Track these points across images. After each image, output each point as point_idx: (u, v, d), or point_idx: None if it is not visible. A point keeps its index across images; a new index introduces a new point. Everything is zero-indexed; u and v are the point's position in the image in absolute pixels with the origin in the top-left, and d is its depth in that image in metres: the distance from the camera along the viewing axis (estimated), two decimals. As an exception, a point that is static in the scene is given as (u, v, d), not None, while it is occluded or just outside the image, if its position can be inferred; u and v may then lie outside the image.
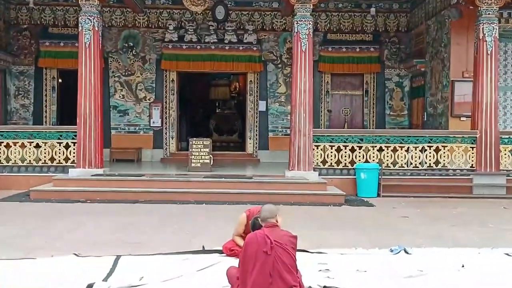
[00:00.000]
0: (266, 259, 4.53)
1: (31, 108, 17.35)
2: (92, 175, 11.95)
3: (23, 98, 17.33)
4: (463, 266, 6.04)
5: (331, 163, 12.74)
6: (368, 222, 9.05)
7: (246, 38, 16.98)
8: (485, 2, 12.25)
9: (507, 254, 6.68)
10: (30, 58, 17.26)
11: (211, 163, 13.12)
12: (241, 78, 20.58)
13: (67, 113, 16.08)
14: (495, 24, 12.37)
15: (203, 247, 6.68)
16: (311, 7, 12.32)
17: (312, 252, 6.56)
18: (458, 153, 12.74)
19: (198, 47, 16.96)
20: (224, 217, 8.90)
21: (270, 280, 4.47)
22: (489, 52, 12.37)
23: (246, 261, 4.61)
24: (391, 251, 6.71)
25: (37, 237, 7.42)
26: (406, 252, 6.66)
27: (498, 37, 12.51)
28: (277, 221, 4.90)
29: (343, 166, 12.74)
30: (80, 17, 12.43)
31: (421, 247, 6.99)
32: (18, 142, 12.73)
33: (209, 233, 7.83)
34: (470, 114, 12.96)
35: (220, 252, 6.41)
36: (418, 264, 6.09)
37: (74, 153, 12.55)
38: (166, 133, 17.35)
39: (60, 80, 17.71)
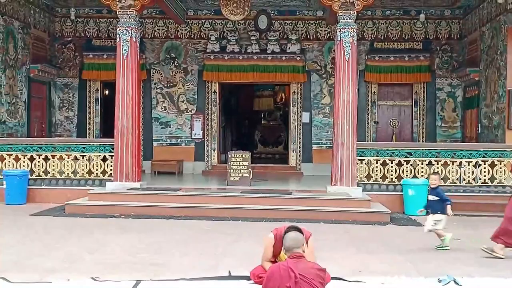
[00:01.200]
0: (290, 296, 3.99)
1: (75, 120, 17.36)
2: (128, 189, 11.67)
3: (67, 110, 17.37)
4: (521, 302, 5.32)
5: (376, 178, 12.05)
6: (415, 245, 8.31)
7: (289, 48, 16.49)
8: (545, 6, 11.37)
9: None
10: (74, 71, 17.30)
11: (251, 177, 12.64)
12: (286, 89, 20.08)
13: (110, 125, 15.95)
14: (556, 29, 11.46)
15: (230, 272, 6.19)
16: (355, 14, 11.71)
17: (349, 281, 5.96)
18: (516, 168, 11.83)
19: (240, 57, 16.59)
20: (259, 236, 8.32)
21: (294, 320, 3.93)
22: (549, 59, 11.46)
23: (268, 296, 4.08)
24: (439, 281, 6.02)
25: (58, 256, 7.08)
26: (456, 283, 5.96)
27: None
28: (303, 251, 4.34)
29: (389, 182, 12.03)
30: (118, 28, 12.26)
31: (474, 277, 6.26)
32: (56, 155, 12.63)
33: (239, 255, 7.32)
34: (529, 126, 12.04)
35: (247, 278, 5.89)
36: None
37: (111, 166, 12.33)
38: (207, 145, 17.01)
39: (106, 92, 17.71)
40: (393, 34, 16.55)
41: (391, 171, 12.05)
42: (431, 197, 8.26)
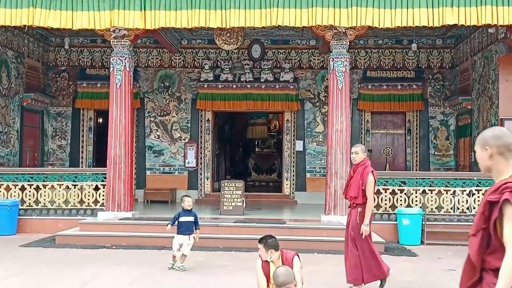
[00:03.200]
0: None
1: (68, 149, 17.31)
2: (120, 219, 11.56)
3: (60, 139, 17.32)
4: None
5: (371, 208, 11.95)
6: (410, 276, 8.21)
7: (282, 77, 16.59)
8: (535, 36, 11.49)
9: None
10: (68, 99, 17.32)
11: (244, 206, 12.56)
12: (280, 117, 20.12)
13: (103, 154, 15.89)
14: (546, 59, 11.56)
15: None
16: (348, 43, 11.80)
17: (343, 314, 5.86)
18: (510, 197, 11.76)
19: (234, 86, 16.66)
20: (251, 267, 8.24)
21: None
22: (540, 88, 11.53)
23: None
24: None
25: (48, 288, 6.97)
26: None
27: (550, 73, 11.68)
28: (295, 285, 4.28)
29: (383, 211, 11.95)
30: (112, 58, 12.29)
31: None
32: (47, 185, 12.52)
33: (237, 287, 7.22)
34: (522, 154, 12.01)
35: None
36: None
37: (103, 195, 12.23)
38: (201, 174, 16.95)
39: (99, 120, 17.70)
40: (385, 63, 16.69)
41: (385, 200, 11.99)
42: None
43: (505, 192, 2.72)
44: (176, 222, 8.47)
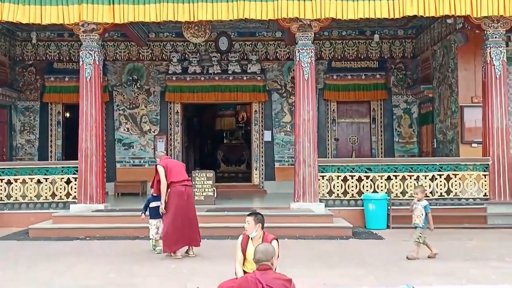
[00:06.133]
0: (258, 306, 4.20)
1: (37, 143, 17.25)
2: (93, 211, 11.70)
3: (28, 133, 17.25)
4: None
5: (338, 194, 12.38)
6: (376, 258, 8.63)
7: (250, 68, 16.86)
8: (491, 26, 11.96)
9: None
10: (36, 94, 17.25)
11: (215, 196, 12.82)
12: (248, 108, 20.39)
13: (73, 147, 15.91)
14: (502, 48, 12.06)
15: (198, 288, 6.36)
16: (313, 35, 12.13)
17: (314, 293, 6.20)
18: (470, 181, 12.31)
19: (202, 78, 16.86)
20: (225, 253, 8.56)
21: (262, 329, 4.15)
22: (497, 76, 12.04)
23: (237, 308, 4.29)
24: (399, 290, 6.33)
25: (26, 281, 7.12)
26: (414, 291, 6.26)
27: (506, 61, 12.19)
28: (272, 264, 4.57)
29: (350, 197, 12.37)
30: (81, 52, 12.36)
31: (431, 285, 6.59)
32: (19, 179, 12.54)
33: (207, 272, 7.50)
34: (481, 140, 12.59)
35: (216, 293, 6.06)
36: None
37: (75, 188, 12.33)
38: (171, 166, 17.06)
39: (67, 115, 17.66)
40: (349, 54, 17.10)
41: (352, 186, 12.39)
42: None
43: None
44: (148, 208, 9.10)
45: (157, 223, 8.98)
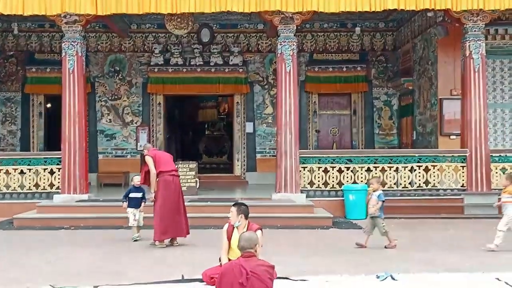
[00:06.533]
0: (242, 291, 4.37)
1: (19, 134, 17.20)
2: (77, 201, 11.78)
3: (10, 124, 17.18)
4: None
5: (319, 185, 12.59)
6: (355, 248, 8.85)
7: (232, 60, 16.95)
8: (470, 19, 12.20)
9: (497, 279, 6.51)
10: (17, 85, 17.17)
11: (198, 187, 12.97)
12: (230, 100, 20.48)
13: (55, 138, 15.93)
14: (481, 41, 12.31)
15: (183, 276, 6.51)
16: (295, 28, 12.27)
17: (295, 280, 6.39)
18: (448, 172, 12.60)
19: (184, 70, 16.93)
20: (208, 243, 8.71)
21: (246, 313, 4.32)
22: (476, 69, 12.30)
23: (222, 293, 4.46)
24: (378, 277, 6.54)
25: (15, 268, 7.21)
26: (392, 278, 6.48)
27: (485, 54, 12.44)
28: (255, 251, 4.74)
29: (331, 188, 12.59)
30: (63, 43, 12.38)
31: (409, 273, 6.82)
32: (2, 169, 12.54)
33: (192, 260, 7.65)
34: (460, 132, 12.87)
35: (200, 280, 6.23)
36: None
37: (59, 179, 12.37)
38: (153, 157, 17.13)
39: (48, 105, 17.61)
40: (331, 46, 17.27)
41: (333, 177, 12.60)
42: None
43: None
44: (127, 198, 9.46)
45: (133, 211, 9.32)
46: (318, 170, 12.63)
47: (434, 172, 12.63)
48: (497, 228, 8.44)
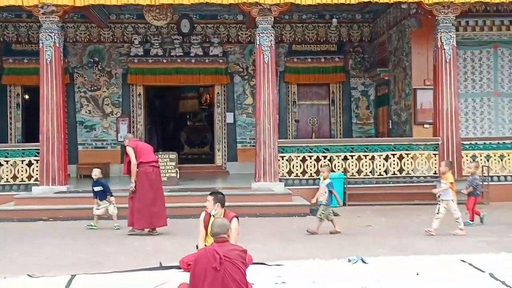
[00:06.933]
0: (216, 275, 4.53)
1: (-4, 125, 17.11)
2: (55, 193, 11.82)
3: (-13, 116, 17.09)
4: (417, 274, 6.13)
5: (297, 174, 12.79)
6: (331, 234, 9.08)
7: (212, 51, 17.04)
8: (442, 12, 12.43)
9: (462, 261, 6.78)
10: (-6, 76, 17.06)
11: (178, 177, 13.08)
12: (210, 90, 20.56)
13: (33, 130, 15.86)
14: (452, 33, 12.57)
15: (160, 263, 6.66)
16: (272, 19, 12.40)
17: (270, 265, 6.58)
18: (421, 160, 12.89)
19: (164, 60, 16.97)
20: (187, 232, 8.86)
21: (220, 296, 4.48)
22: (447, 60, 12.56)
23: (196, 278, 4.61)
24: (349, 261, 6.77)
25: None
26: (363, 262, 6.72)
27: (456, 45, 12.70)
28: (228, 236, 4.90)
29: (309, 177, 12.79)
30: (41, 34, 12.34)
31: (378, 256, 7.06)
32: (-20, 161, 12.54)
33: (170, 249, 7.80)
34: (432, 121, 13.15)
35: (177, 267, 6.38)
36: (375, 274, 6.16)
37: (37, 170, 12.39)
38: (134, 148, 17.18)
39: (26, 97, 17.54)
40: (309, 37, 17.43)
41: (310, 166, 12.81)
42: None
43: None
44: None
45: (98, 201, 9.78)
46: (296, 159, 12.83)
47: (408, 160, 12.90)
48: (436, 212, 8.87)
